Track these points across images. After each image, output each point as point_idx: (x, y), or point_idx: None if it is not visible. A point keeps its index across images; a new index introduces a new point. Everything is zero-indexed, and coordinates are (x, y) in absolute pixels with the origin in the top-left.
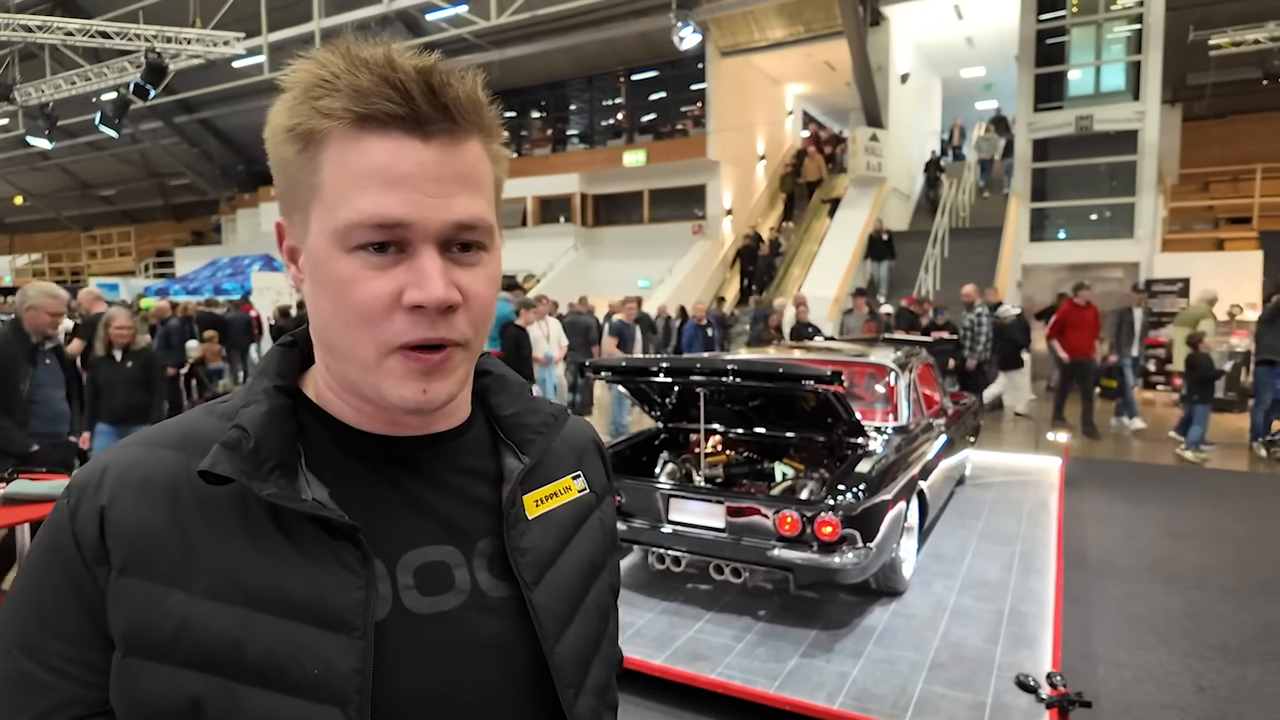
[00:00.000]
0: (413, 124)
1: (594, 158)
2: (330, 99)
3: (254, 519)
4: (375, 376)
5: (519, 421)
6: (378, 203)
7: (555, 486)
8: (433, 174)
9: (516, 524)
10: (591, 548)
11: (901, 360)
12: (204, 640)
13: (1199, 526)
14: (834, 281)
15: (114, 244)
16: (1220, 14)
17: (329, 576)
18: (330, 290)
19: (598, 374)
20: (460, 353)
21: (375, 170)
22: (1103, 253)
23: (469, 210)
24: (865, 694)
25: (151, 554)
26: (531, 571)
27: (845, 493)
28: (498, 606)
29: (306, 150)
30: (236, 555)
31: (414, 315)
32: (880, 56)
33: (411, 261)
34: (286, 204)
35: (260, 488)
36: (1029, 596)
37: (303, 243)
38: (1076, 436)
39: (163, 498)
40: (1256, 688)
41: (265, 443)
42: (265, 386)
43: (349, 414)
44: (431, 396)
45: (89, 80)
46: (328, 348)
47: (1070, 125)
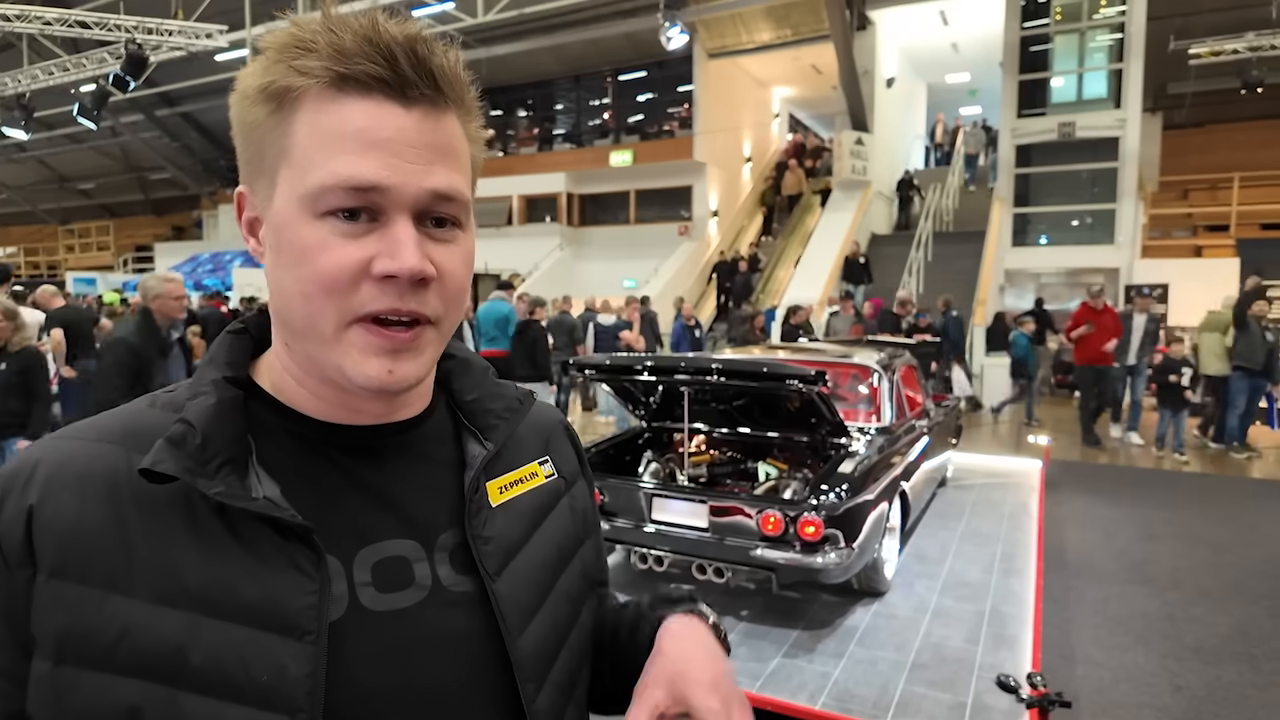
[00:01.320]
0: (395, 88)
1: (580, 157)
2: (308, 58)
3: (200, 519)
4: (336, 352)
5: (482, 407)
6: (353, 165)
7: (520, 473)
8: (412, 140)
9: (479, 512)
10: (560, 535)
11: (885, 361)
12: (146, 646)
13: (1176, 529)
14: (819, 284)
15: (92, 238)
16: (1200, 24)
17: (280, 579)
18: (293, 259)
19: (581, 372)
20: (431, 332)
21: (353, 132)
22: (1084, 258)
23: (447, 180)
24: (847, 694)
25: (88, 556)
26: (494, 561)
27: (828, 493)
28: (460, 601)
29: (279, 111)
30: (182, 557)
31: (383, 285)
32: (866, 61)
33: (384, 230)
34: (251, 170)
35: (207, 486)
36: (1009, 597)
37: (266, 212)
38: (1073, 442)
39: (102, 495)
40: (1231, 688)
41: (213, 438)
42: (214, 377)
43: (306, 402)
44: (398, 377)
45: (67, 71)
46: (286, 324)
47: (1053, 131)
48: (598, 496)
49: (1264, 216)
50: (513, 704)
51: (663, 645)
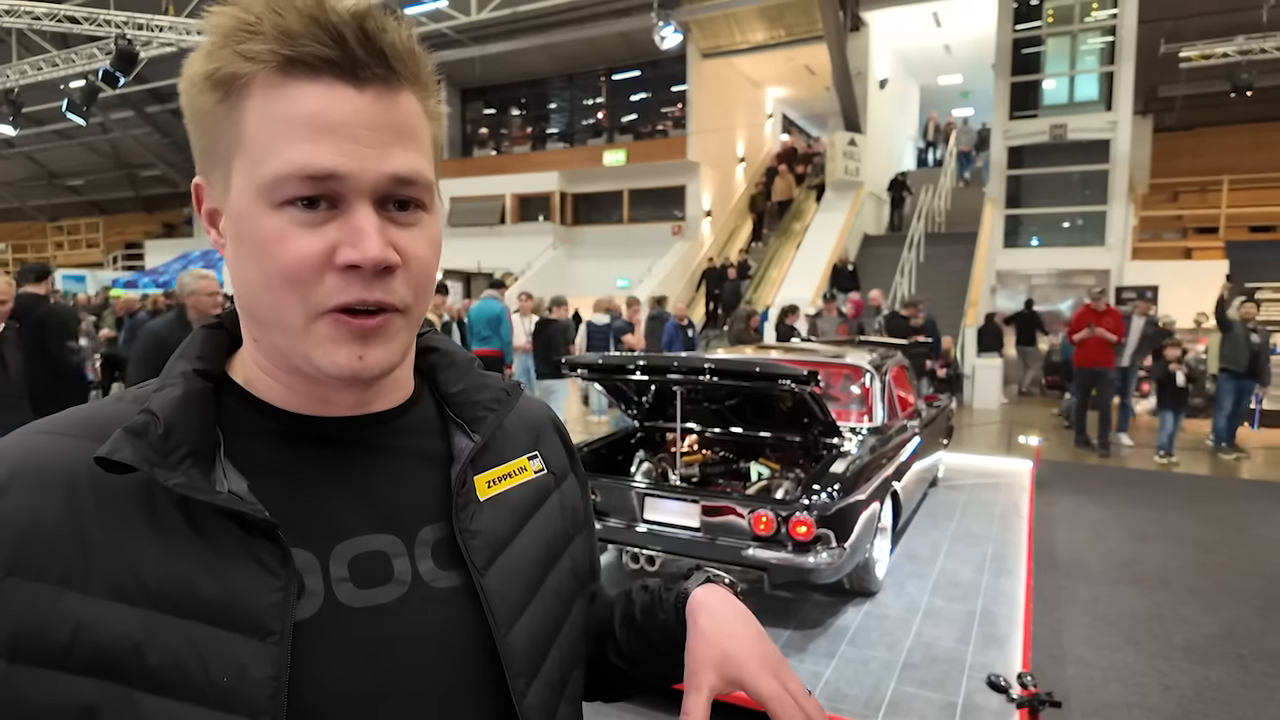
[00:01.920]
0: (345, 69)
1: (574, 156)
2: (253, 42)
3: (161, 512)
4: (305, 344)
5: (468, 398)
6: (308, 153)
7: (509, 467)
8: (367, 122)
9: (467, 506)
10: (549, 531)
11: (877, 362)
12: (101, 644)
13: (1165, 529)
14: (811, 284)
15: (81, 235)
16: (1190, 27)
17: (243, 576)
18: (254, 251)
19: (574, 371)
20: (399, 319)
21: (304, 118)
22: (1075, 260)
23: (406, 163)
24: (838, 694)
25: (42, 553)
26: (483, 555)
27: (820, 493)
28: (441, 597)
29: (227, 99)
30: (139, 552)
31: (347, 276)
32: (860, 62)
33: (345, 218)
34: (205, 161)
35: (166, 477)
36: (1000, 597)
37: (224, 203)
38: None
39: (59, 490)
40: (1220, 688)
41: (176, 428)
42: (183, 369)
43: (279, 394)
44: (368, 364)
45: (56, 66)
46: (252, 317)
47: (1045, 134)
48: (593, 493)
49: (1253, 219)
50: (500, 702)
51: (699, 623)
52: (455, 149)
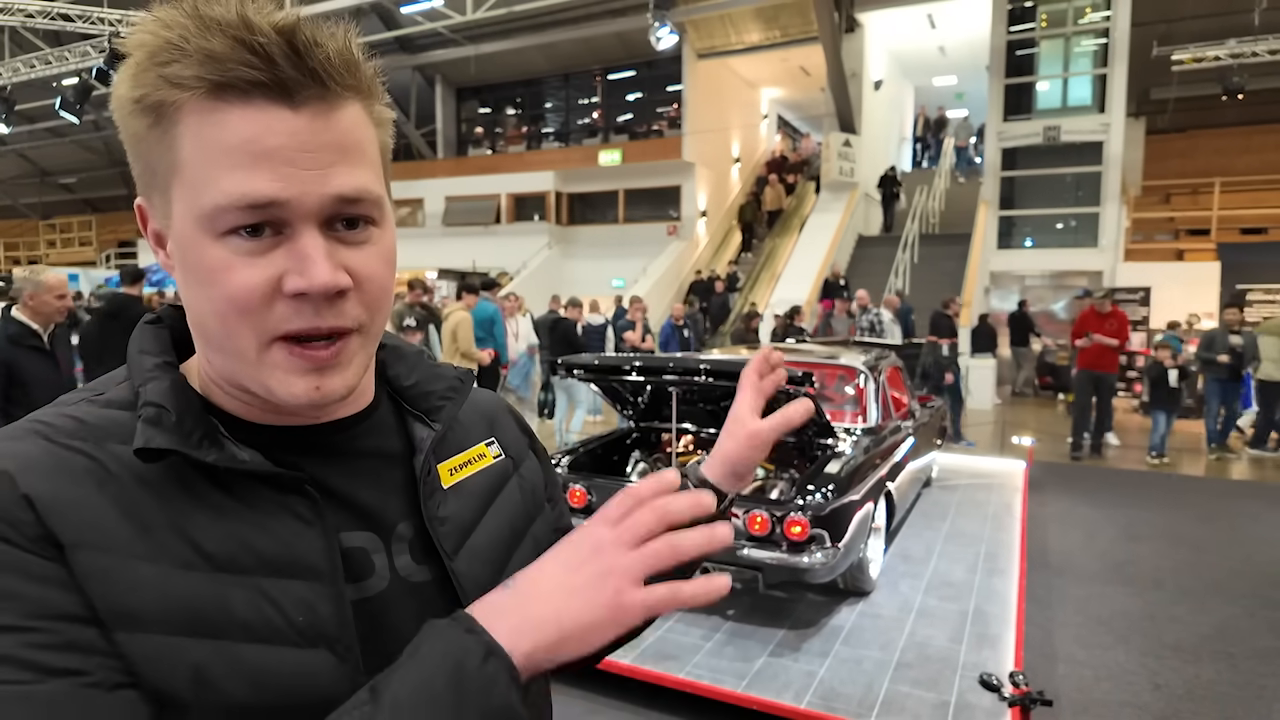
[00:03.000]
0: (277, 91)
1: (569, 156)
2: (179, 65)
3: (196, 487)
4: (259, 372)
5: (423, 390)
6: (245, 181)
7: (468, 454)
8: (305, 144)
9: (433, 494)
10: (512, 513)
11: (871, 363)
12: (185, 606)
13: (1157, 530)
14: (805, 284)
15: (74, 233)
16: (1183, 31)
17: (286, 529)
18: (201, 279)
19: (570, 371)
20: (356, 340)
21: (238, 145)
22: (1068, 261)
23: (351, 182)
24: (832, 693)
25: (103, 529)
26: (451, 541)
27: (814, 493)
28: (417, 591)
29: (160, 125)
30: (191, 524)
31: (296, 303)
32: (854, 63)
33: (290, 245)
34: (144, 184)
35: (204, 454)
36: (993, 597)
37: (167, 227)
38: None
39: (91, 482)
40: (1210, 686)
41: (185, 414)
42: (157, 363)
43: (236, 407)
44: (326, 392)
45: (49, 64)
46: (205, 341)
47: (1038, 135)
48: (585, 497)
49: (1244, 221)
50: None
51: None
52: (450, 148)
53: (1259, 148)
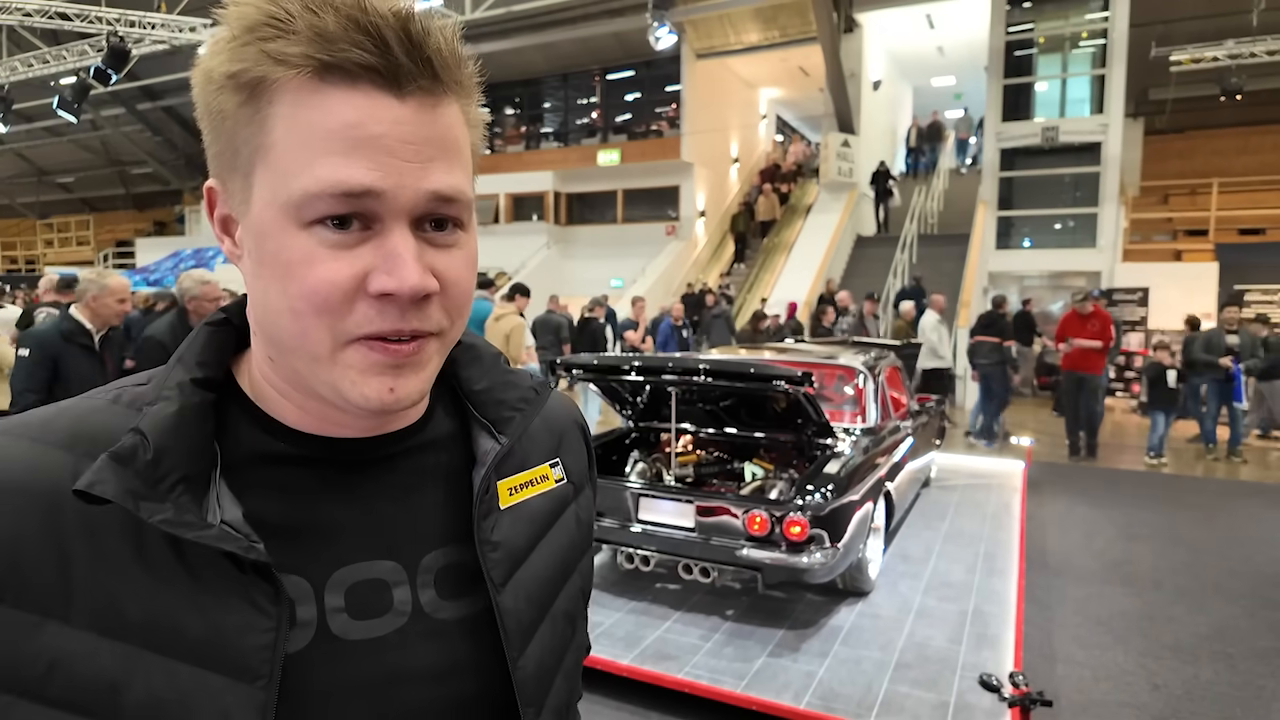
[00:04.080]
0: (388, 77)
1: (568, 156)
2: (285, 41)
3: (149, 541)
4: (331, 373)
5: (494, 397)
6: (341, 168)
7: (532, 474)
8: (408, 135)
9: (489, 514)
10: (566, 545)
11: (870, 363)
12: (80, 679)
13: (1156, 530)
14: (806, 282)
15: (72, 233)
16: (1181, 31)
17: (231, 615)
18: (278, 272)
19: (568, 372)
20: (435, 343)
21: (339, 130)
22: (1066, 262)
23: (448, 181)
24: (831, 694)
25: (24, 578)
26: (501, 570)
27: (814, 493)
28: (442, 629)
29: (251, 103)
30: (125, 584)
31: (381, 304)
32: (853, 63)
33: (379, 241)
34: (222, 166)
35: (151, 512)
36: (992, 597)
37: (243, 214)
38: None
39: (40, 509)
40: (1208, 686)
41: (167, 452)
42: (180, 380)
43: (289, 412)
44: (400, 396)
45: (47, 63)
46: (270, 338)
47: (1037, 136)
48: None
49: (1242, 222)
50: None
51: None
52: None
53: (1257, 148)
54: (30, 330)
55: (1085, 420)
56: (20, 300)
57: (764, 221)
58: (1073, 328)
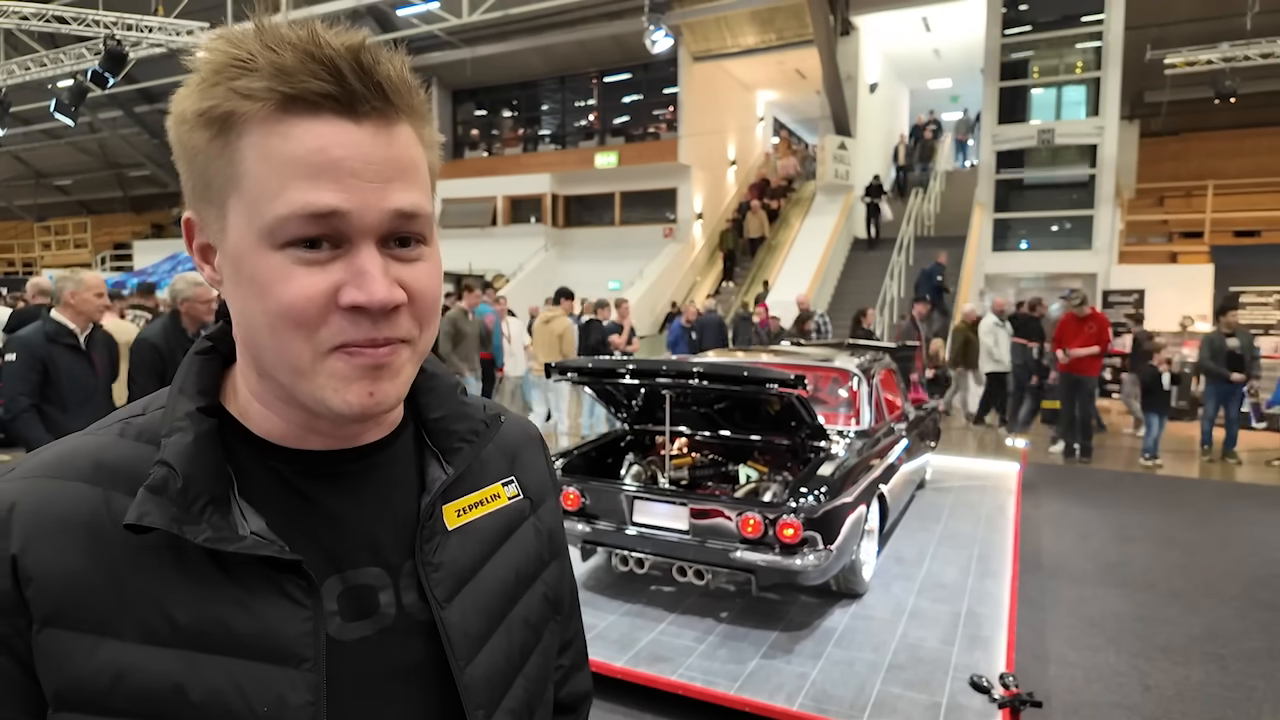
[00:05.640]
0: (344, 104)
1: (565, 158)
2: (250, 78)
3: (189, 557)
4: (313, 384)
5: (446, 426)
6: (309, 191)
7: (482, 494)
8: (368, 157)
9: (432, 537)
10: (522, 558)
11: (864, 365)
12: (143, 688)
13: (1149, 532)
14: (802, 285)
15: (69, 235)
16: (1176, 34)
17: (273, 609)
18: (255, 291)
19: (563, 374)
20: (406, 350)
21: (304, 156)
22: (1062, 264)
23: (408, 199)
24: (824, 695)
25: (79, 602)
26: (444, 588)
27: (807, 495)
28: (423, 629)
29: (221, 137)
30: (171, 596)
31: (353, 316)
32: (850, 66)
33: (349, 259)
34: (197, 198)
35: (194, 533)
36: (985, 599)
37: (220, 242)
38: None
39: (85, 541)
40: (1200, 688)
41: (194, 478)
42: (188, 410)
43: (274, 428)
44: (379, 399)
45: (44, 66)
46: (255, 356)
47: (1033, 138)
48: (579, 500)
49: (1237, 224)
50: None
51: None
52: (447, 151)
53: (1252, 151)
54: (14, 335)
55: (1082, 423)
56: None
57: (753, 239)
58: (1071, 330)
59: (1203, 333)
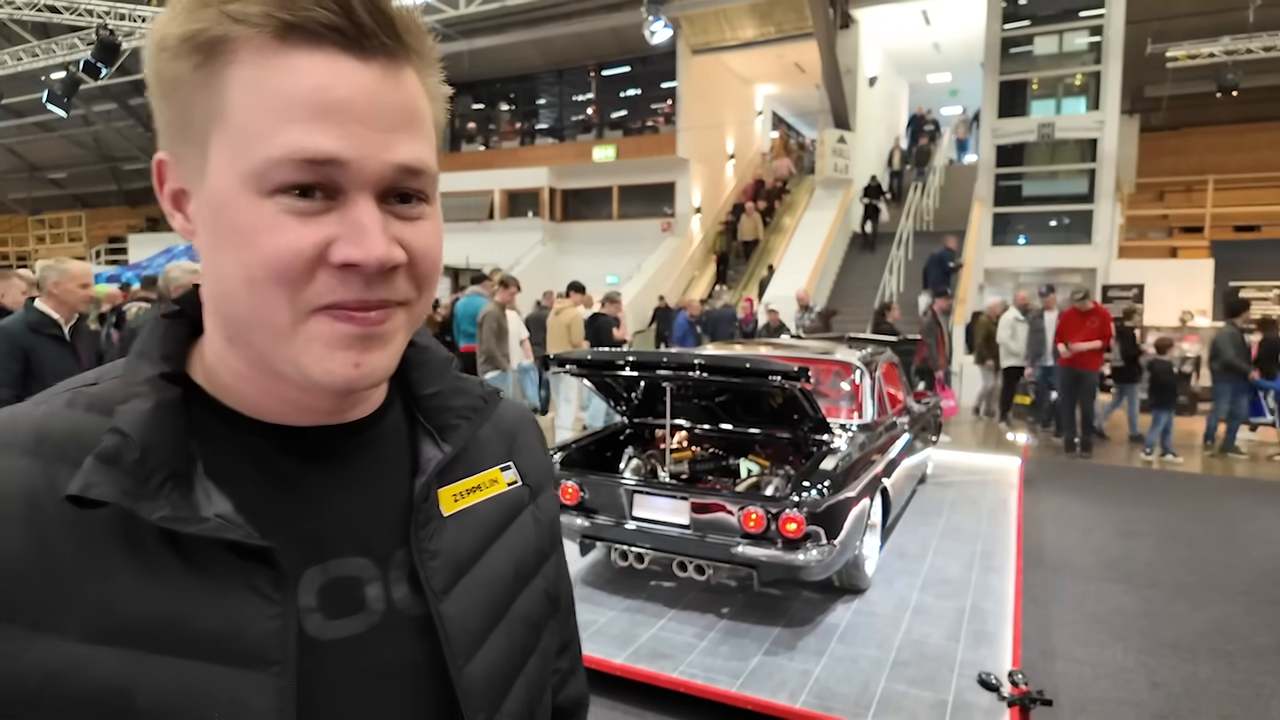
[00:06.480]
0: (350, 39)
1: (563, 152)
2: (244, 1)
3: (142, 540)
4: (292, 348)
5: (441, 404)
6: (306, 135)
7: (480, 479)
8: (375, 101)
9: (428, 522)
10: (522, 549)
11: (867, 359)
12: (82, 692)
13: (1153, 526)
14: (801, 279)
15: (64, 229)
16: (1177, 28)
17: (238, 604)
18: (236, 241)
19: (562, 366)
20: (402, 314)
21: (303, 93)
22: (1062, 258)
23: (414, 152)
24: (828, 692)
25: (10, 591)
26: (441, 577)
27: (810, 489)
28: (416, 625)
29: (207, 65)
30: (120, 586)
31: (344, 274)
32: (849, 59)
33: (343, 211)
34: (173, 136)
35: (149, 509)
36: (989, 594)
37: (196, 185)
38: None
39: (21, 518)
40: (1207, 684)
41: (153, 449)
42: (149, 375)
43: (248, 399)
44: (365, 371)
45: (36, 57)
46: (227, 315)
47: (1033, 132)
48: (577, 494)
49: (1237, 219)
50: None
51: None
52: (444, 143)
53: (1252, 145)
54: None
55: (1084, 418)
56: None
57: (747, 242)
58: (1073, 325)
59: (1203, 327)
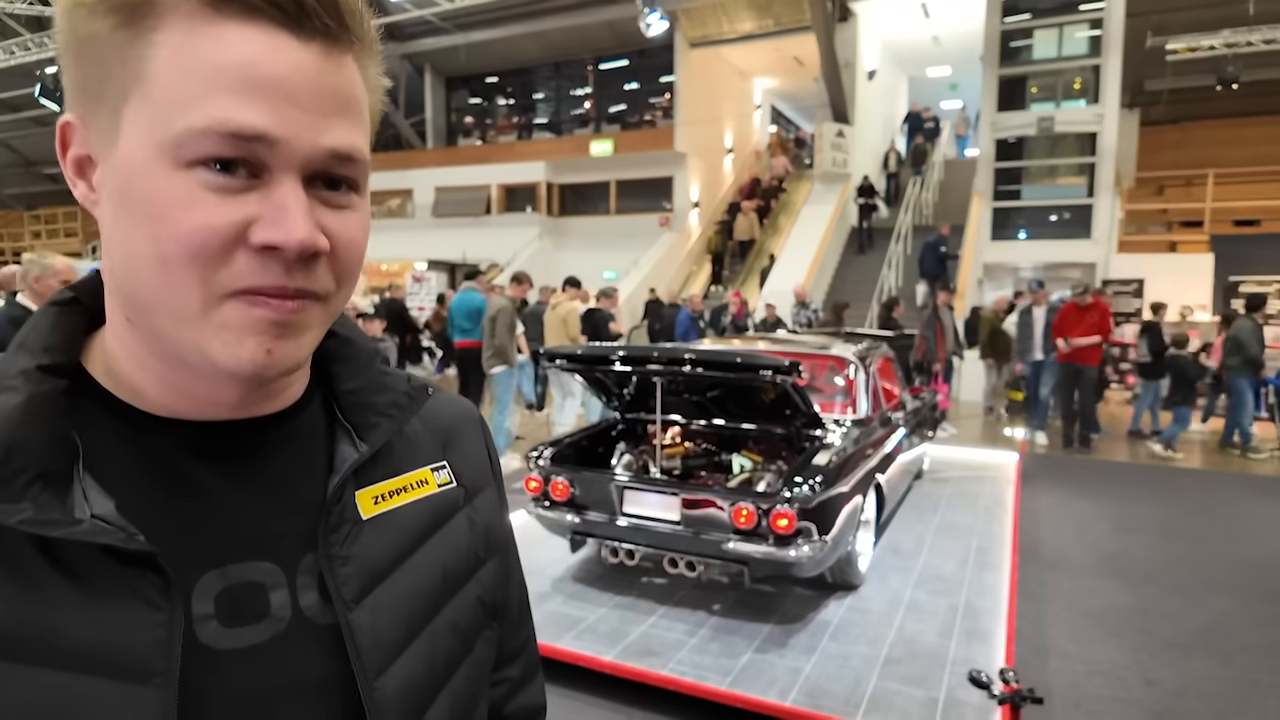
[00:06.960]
0: (290, 15)
1: (561, 146)
2: None
3: (9, 547)
4: (200, 333)
5: (362, 400)
6: (234, 108)
7: (406, 479)
8: (310, 82)
9: (339, 526)
10: (451, 554)
11: (861, 354)
12: None
13: (1150, 523)
14: (800, 274)
15: (59, 224)
16: (1177, 21)
17: (120, 613)
18: (148, 214)
19: (553, 361)
20: (318, 308)
21: (234, 66)
22: (1061, 253)
23: (348, 139)
24: (818, 690)
25: None
26: (353, 585)
27: (802, 485)
28: (327, 635)
29: (130, 26)
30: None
31: (263, 257)
32: (848, 52)
33: (267, 191)
34: (84, 97)
35: (8, 513)
36: (984, 591)
37: (106, 152)
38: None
39: None
40: (1203, 681)
41: (18, 448)
42: (24, 367)
43: (148, 390)
44: (277, 359)
45: (29, 50)
46: (130, 295)
47: (1032, 126)
48: (568, 490)
49: (1237, 213)
50: None
51: None
52: (440, 138)
53: (1252, 139)
54: None
55: (1082, 414)
56: None
57: (743, 241)
58: (1072, 319)
59: (1203, 322)
